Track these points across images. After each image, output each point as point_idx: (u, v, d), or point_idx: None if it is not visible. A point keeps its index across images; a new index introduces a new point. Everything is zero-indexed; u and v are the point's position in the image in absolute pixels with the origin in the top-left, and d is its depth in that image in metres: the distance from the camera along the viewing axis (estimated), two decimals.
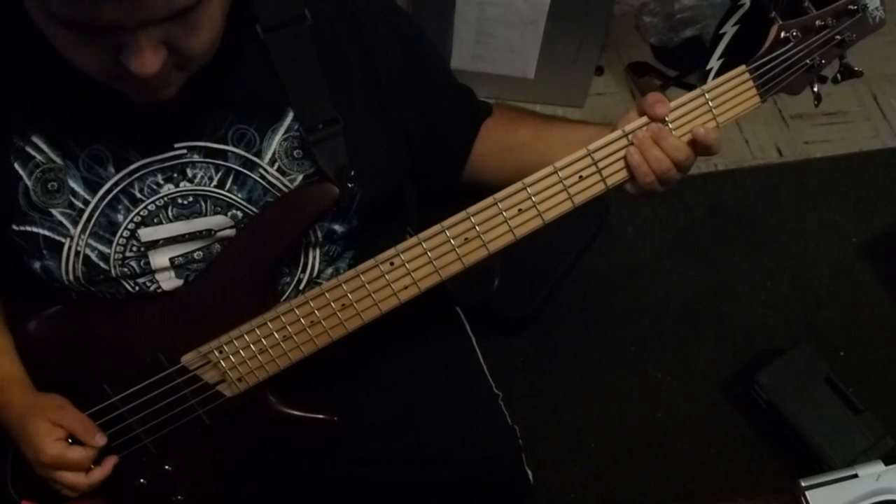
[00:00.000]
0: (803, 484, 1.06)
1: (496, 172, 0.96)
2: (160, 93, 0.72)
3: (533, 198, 0.77)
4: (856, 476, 1.07)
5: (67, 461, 0.85)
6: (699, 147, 0.78)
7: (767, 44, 0.77)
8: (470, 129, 0.96)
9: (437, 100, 0.93)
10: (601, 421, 1.65)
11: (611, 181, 0.79)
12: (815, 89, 0.81)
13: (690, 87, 2.01)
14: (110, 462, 0.88)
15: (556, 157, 0.78)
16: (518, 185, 0.77)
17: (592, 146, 0.77)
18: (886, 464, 1.08)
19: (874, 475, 1.07)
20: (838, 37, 0.78)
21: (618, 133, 0.78)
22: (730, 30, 1.67)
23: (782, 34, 0.76)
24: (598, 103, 2.09)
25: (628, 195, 0.81)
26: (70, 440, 0.86)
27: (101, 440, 0.86)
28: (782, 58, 0.77)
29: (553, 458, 1.60)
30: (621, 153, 0.78)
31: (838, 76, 0.81)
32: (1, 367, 0.88)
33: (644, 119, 0.78)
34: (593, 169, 0.78)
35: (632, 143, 0.78)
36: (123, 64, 0.66)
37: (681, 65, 2.08)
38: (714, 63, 1.70)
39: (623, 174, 0.79)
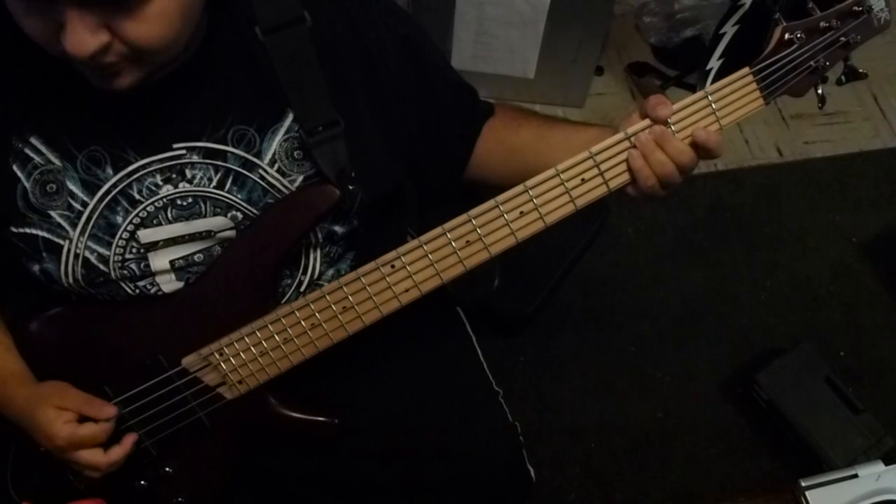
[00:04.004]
0: (803, 484, 1.06)
1: (498, 173, 0.96)
2: (115, 81, 0.70)
3: (535, 200, 0.77)
4: (856, 476, 1.07)
5: (81, 438, 0.84)
6: (701, 150, 0.78)
7: (771, 46, 0.76)
8: (471, 129, 0.96)
9: (438, 100, 0.92)
10: (601, 421, 1.65)
11: (613, 184, 0.78)
12: (820, 91, 0.80)
13: (690, 87, 2.03)
14: (130, 439, 0.87)
15: (557, 158, 0.78)
16: (520, 187, 0.77)
17: (595, 148, 0.77)
18: (886, 464, 1.08)
19: (874, 475, 1.06)
20: (843, 38, 0.77)
21: (620, 135, 0.77)
22: (730, 30, 1.67)
23: (786, 36, 0.75)
24: (598, 103, 2.09)
25: (629, 198, 0.80)
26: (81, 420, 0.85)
27: (110, 411, 0.85)
28: (786, 60, 0.76)
29: (553, 457, 1.60)
30: (624, 155, 0.78)
31: (842, 78, 0.81)
32: (3, 363, 0.88)
33: (646, 122, 0.77)
34: (595, 171, 0.77)
35: (634, 146, 0.77)
36: (62, 44, 0.64)
37: (681, 65, 2.08)
38: (714, 63, 1.69)
39: (625, 177, 0.78)
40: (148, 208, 0.82)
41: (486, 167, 0.97)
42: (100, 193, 0.80)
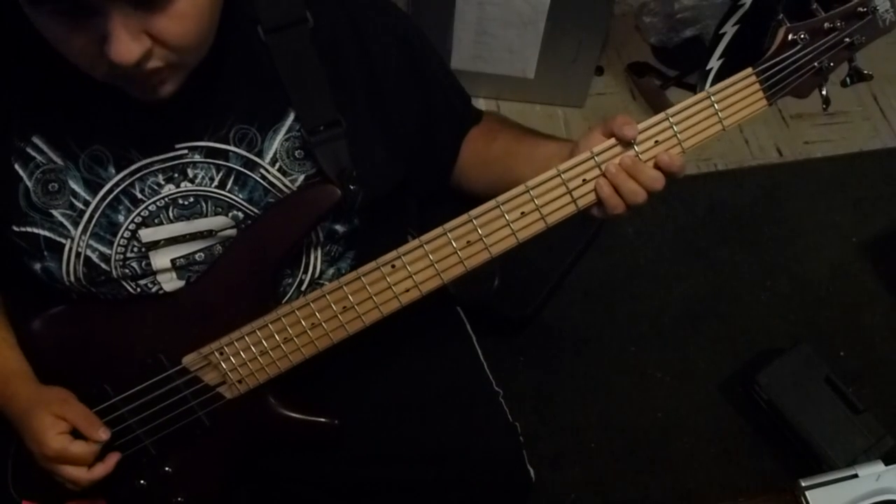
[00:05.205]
0: (803, 484, 1.07)
1: (473, 184, 0.97)
2: (159, 89, 0.72)
3: (535, 200, 0.77)
4: (856, 476, 1.08)
5: (69, 455, 0.84)
6: (664, 173, 0.77)
7: (775, 46, 0.75)
8: (457, 134, 0.97)
9: (433, 103, 0.93)
10: (601, 421, 1.65)
11: (581, 203, 0.78)
12: (824, 92, 0.79)
13: (690, 87, 2.03)
14: (113, 458, 0.88)
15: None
16: (521, 187, 0.77)
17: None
18: (886, 464, 1.08)
19: (874, 475, 1.07)
20: (847, 39, 0.76)
21: (587, 154, 0.76)
22: (730, 30, 1.67)
23: (790, 37, 0.75)
24: (598, 103, 2.09)
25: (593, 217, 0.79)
26: (73, 434, 0.85)
27: (104, 435, 0.86)
28: (790, 60, 0.76)
29: (553, 458, 1.60)
30: (591, 175, 0.77)
31: (847, 80, 0.80)
32: (5, 361, 0.88)
33: (612, 141, 0.76)
34: (596, 172, 0.78)
35: (602, 174, 0.77)
36: (105, 55, 0.65)
37: (681, 65, 2.08)
38: (714, 63, 1.69)
39: (592, 197, 0.78)
40: (150, 207, 0.82)
41: (463, 176, 0.98)
42: (102, 192, 0.80)
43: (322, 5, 0.82)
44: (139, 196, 0.81)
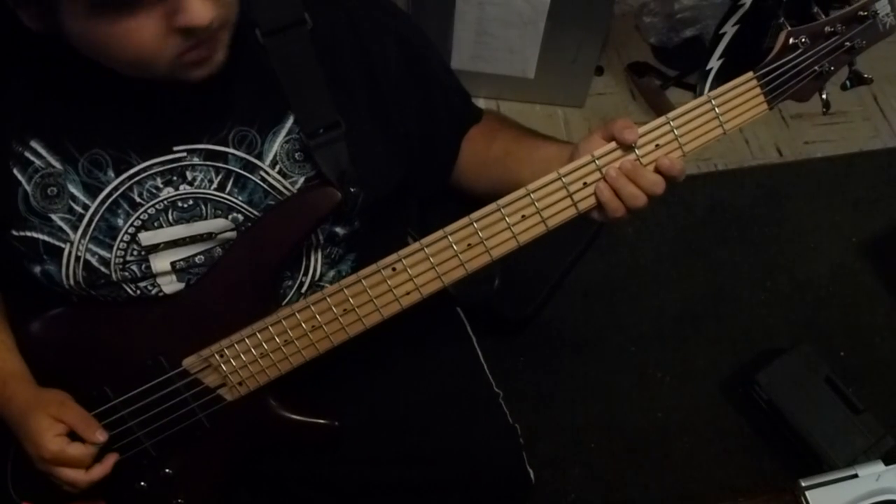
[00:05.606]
0: (803, 484, 1.07)
1: (473, 183, 0.97)
2: (213, 59, 0.72)
3: (536, 203, 0.77)
4: (856, 476, 1.08)
5: (67, 457, 0.84)
6: (665, 177, 0.76)
7: (776, 50, 0.75)
8: (457, 132, 0.97)
9: (433, 101, 0.93)
10: (601, 421, 1.65)
11: (582, 206, 0.78)
12: (824, 96, 0.79)
13: (690, 87, 2.03)
14: (111, 459, 0.88)
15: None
16: (521, 190, 0.77)
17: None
18: (886, 464, 1.08)
19: (874, 475, 1.07)
20: (848, 43, 0.76)
21: (588, 158, 0.76)
22: (730, 30, 1.67)
23: (791, 41, 0.75)
24: (598, 103, 2.09)
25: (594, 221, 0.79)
26: (71, 436, 0.85)
27: (101, 437, 0.85)
28: (791, 65, 0.76)
29: (553, 458, 1.60)
30: (591, 178, 0.77)
31: (847, 83, 0.80)
32: (3, 363, 0.88)
33: (612, 144, 0.76)
34: (597, 175, 0.78)
35: (602, 178, 0.76)
36: (180, 24, 0.65)
37: (681, 65, 2.08)
38: (714, 63, 1.69)
39: (592, 201, 0.78)
40: (149, 211, 0.82)
41: (463, 176, 0.98)
42: (101, 196, 0.80)
43: (320, 6, 0.82)
44: (138, 200, 0.81)
